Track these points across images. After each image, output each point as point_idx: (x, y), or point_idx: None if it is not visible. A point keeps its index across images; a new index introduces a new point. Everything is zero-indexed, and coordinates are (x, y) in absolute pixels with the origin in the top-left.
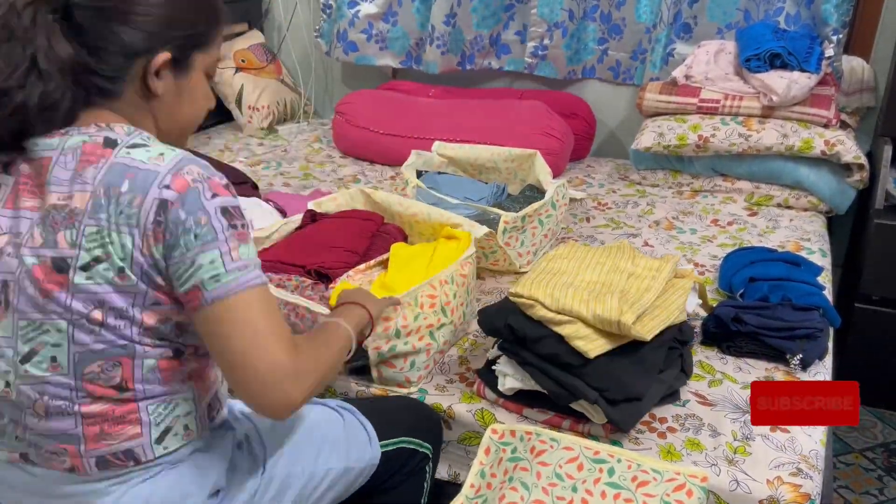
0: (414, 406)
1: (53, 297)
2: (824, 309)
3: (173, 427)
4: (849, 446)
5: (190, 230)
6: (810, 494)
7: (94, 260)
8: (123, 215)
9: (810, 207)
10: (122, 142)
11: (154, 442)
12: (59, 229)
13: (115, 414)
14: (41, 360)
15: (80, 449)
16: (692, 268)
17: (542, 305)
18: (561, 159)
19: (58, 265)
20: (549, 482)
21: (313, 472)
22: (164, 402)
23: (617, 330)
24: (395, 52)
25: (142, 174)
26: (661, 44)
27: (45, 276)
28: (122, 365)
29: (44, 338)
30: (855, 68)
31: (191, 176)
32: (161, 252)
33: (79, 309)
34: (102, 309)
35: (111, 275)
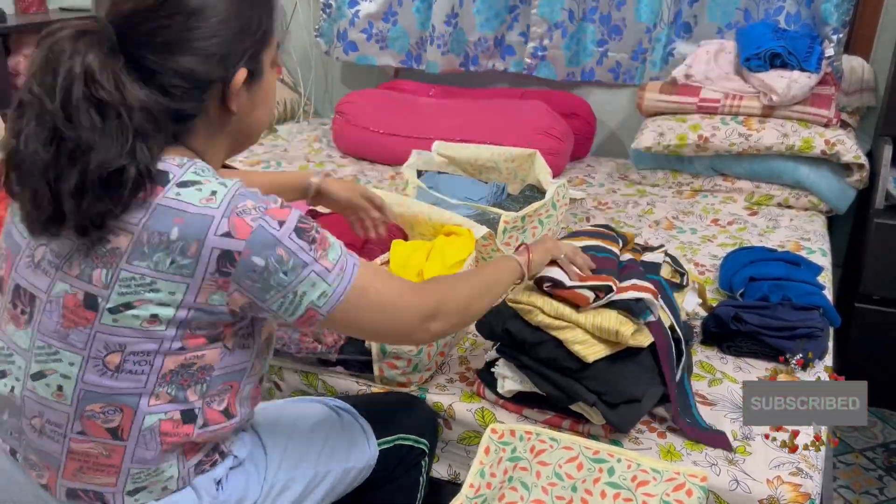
0: (410, 402)
1: (76, 331)
2: (824, 308)
3: (149, 487)
4: (849, 446)
5: (276, 271)
6: (810, 494)
7: (124, 305)
8: (175, 265)
9: (810, 207)
10: (174, 176)
11: (126, 493)
12: (97, 265)
13: (98, 461)
14: (48, 384)
15: (58, 474)
16: (692, 268)
17: (540, 311)
18: (561, 159)
19: (88, 302)
20: (548, 482)
21: (314, 474)
22: (149, 469)
23: (615, 339)
24: (395, 52)
25: (193, 220)
26: (661, 43)
27: (74, 308)
28: (123, 412)
29: (55, 365)
30: (855, 68)
31: (249, 216)
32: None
33: (98, 349)
34: (122, 353)
35: (139, 322)
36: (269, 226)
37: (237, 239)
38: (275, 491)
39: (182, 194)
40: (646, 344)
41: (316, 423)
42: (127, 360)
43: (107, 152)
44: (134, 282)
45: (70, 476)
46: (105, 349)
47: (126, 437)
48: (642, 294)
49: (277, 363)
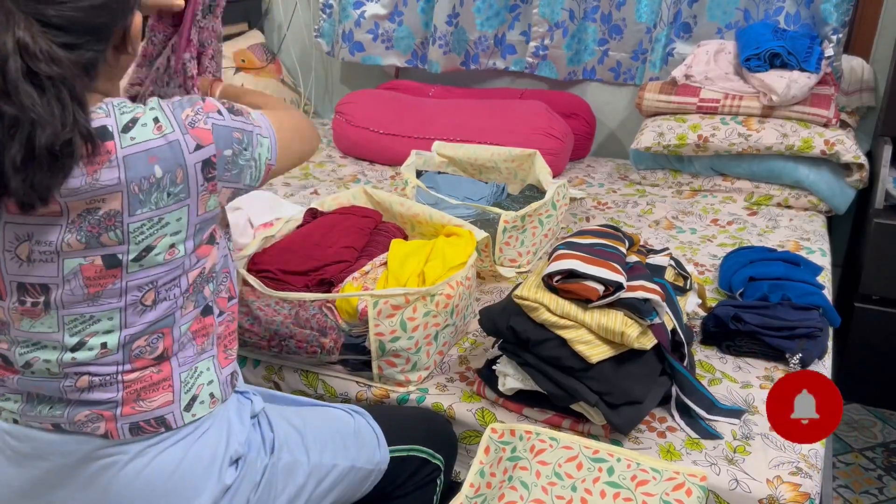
0: (430, 418)
1: (107, 291)
2: (824, 308)
3: (199, 396)
4: (848, 446)
5: (241, 152)
6: (810, 494)
7: (145, 250)
8: (172, 196)
9: (810, 207)
10: (112, 126)
11: (183, 409)
12: (101, 231)
13: (152, 380)
14: (91, 348)
15: (117, 413)
16: (693, 268)
17: (546, 309)
18: (561, 159)
19: (109, 262)
20: (548, 481)
21: (319, 464)
22: (193, 366)
23: (620, 340)
24: (401, 52)
25: (165, 153)
26: (660, 43)
27: (97, 274)
28: (164, 336)
29: (94, 328)
30: (855, 68)
31: (199, 121)
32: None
33: (133, 295)
34: (155, 288)
35: (161, 257)
36: (216, 119)
37: (203, 145)
38: (280, 470)
39: (135, 136)
40: (649, 346)
41: (325, 418)
42: (160, 292)
43: (53, 127)
44: (145, 227)
45: (129, 410)
46: (139, 291)
47: (171, 355)
48: (651, 295)
49: (278, 362)
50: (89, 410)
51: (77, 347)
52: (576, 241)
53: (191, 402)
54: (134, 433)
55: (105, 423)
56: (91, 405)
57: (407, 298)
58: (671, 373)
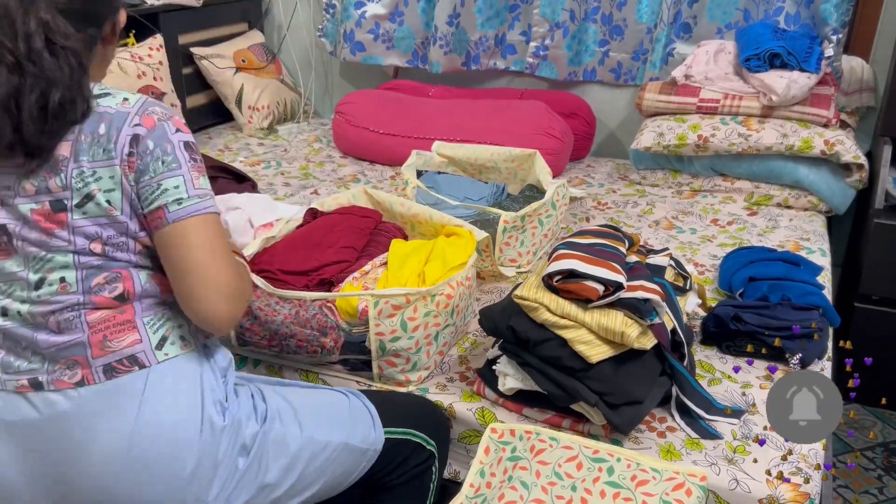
0: (423, 404)
1: (56, 234)
2: (824, 308)
3: (169, 336)
4: (849, 446)
5: (158, 158)
6: (810, 494)
7: (85, 198)
8: (104, 152)
9: (810, 207)
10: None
11: (154, 347)
12: (49, 177)
13: (115, 321)
14: (51, 284)
15: (87, 356)
16: (693, 269)
17: (546, 309)
18: (561, 159)
19: (55, 206)
20: (548, 481)
21: (311, 437)
22: (157, 312)
23: (620, 340)
24: (402, 52)
25: (115, 116)
26: (661, 44)
27: (45, 217)
28: (122, 278)
29: (51, 265)
30: (854, 68)
31: (156, 115)
32: (133, 179)
33: (81, 242)
34: (100, 240)
35: (102, 209)
36: (168, 128)
37: (143, 127)
38: (270, 438)
39: (101, 102)
40: (649, 346)
41: (319, 395)
42: (107, 244)
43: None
44: (83, 175)
45: (98, 351)
46: (86, 239)
47: (132, 298)
48: (651, 295)
49: (278, 362)
50: (64, 359)
51: (39, 284)
52: (576, 241)
53: (161, 341)
54: (108, 375)
55: (80, 368)
56: (63, 352)
57: (408, 298)
58: (671, 373)
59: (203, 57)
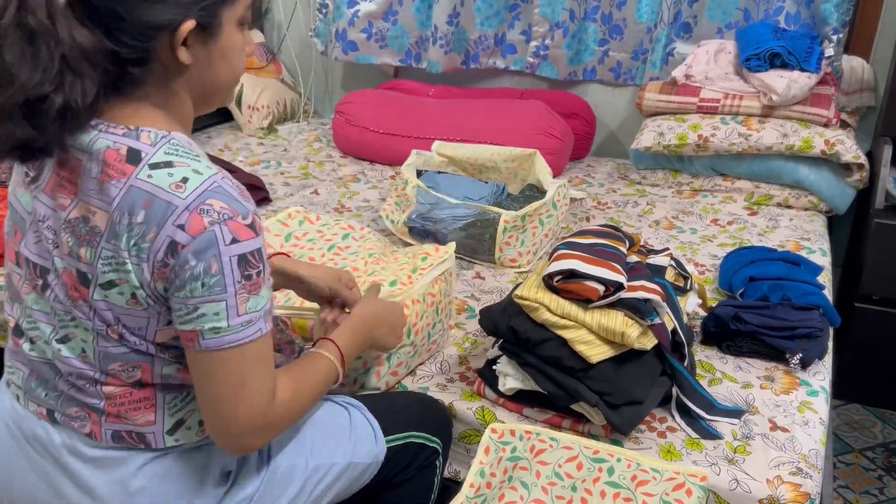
0: (422, 401)
1: (79, 305)
2: (824, 308)
3: (187, 420)
4: (849, 446)
5: (198, 277)
6: (810, 494)
7: (108, 283)
8: (136, 247)
9: (810, 207)
10: (146, 156)
11: (166, 432)
12: (82, 244)
13: (132, 398)
14: (73, 347)
15: (101, 419)
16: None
17: (546, 309)
18: (561, 159)
19: (82, 278)
20: (548, 481)
21: (317, 465)
22: (181, 394)
23: (620, 341)
24: (395, 51)
25: (158, 205)
26: (660, 43)
27: (72, 284)
28: (141, 368)
29: (75, 330)
30: (855, 68)
31: (209, 217)
32: (162, 289)
33: (99, 322)
34: (118, 326)
35: (124, 299)
36: (221, 237)
37: (186, 233)
38: (277, 477)
39: (153, 176)
40: (650, 346)
41: (322, 416)
42: (125, 334)
43: (29, 79)
44: (113, 260)
45: (113, 418)
46: (103, 322)
47: (151, 383)
48: (651, 295)
49: None
50: (79, 407)
51: (64, 340)
52: (576, 241)
53: (176, 425)
54: (115, 441)
55: (90, 423)
56: (79, 403)
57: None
58: (671, 373)
59: None
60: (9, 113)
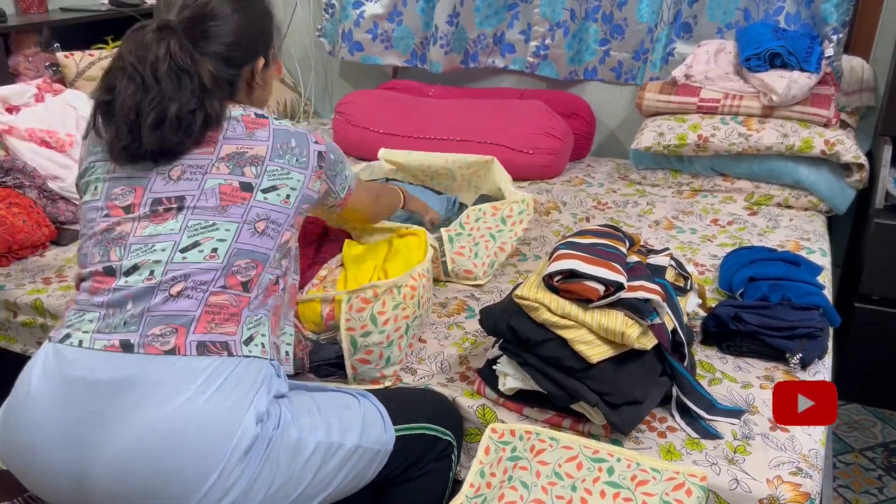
0: (433, 397)
1: (235, 207)
2: (824, 308)
3: (255, 338)
4: (849, 446)
5: (337, 161)
6: (810, 494)
7: (271, 187)
8: (298, 161)
9: (810, 207)
10: (268, 115)
11: (242, 342)
12: (245, 165)
13: (228, 311)
14: (202, 250)
15: (188, 331)
16: (693, 269)
17: (546, 309)
18: (561, 159)
19: (244, 186)
20: (548, 481)
21: (324, 442)
22: (257, 315)
23: (620, 341)
24: (401, 52)
25: (299, 136)
26: (661, 43)
27: (232, 192)
28: (256, 268)
29: (211, 233)
30: (855, 68)
31: (317, 135)
32: (321, 184)
33: (252, 217)
34: (267, 221)
35: (280, 199)
36: (327, 139)
37: (321, 144)
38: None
39: (283, 123)
40: (650, 346)
41: (332, 401)
42: (268, 227)
43: (181, 101)
44: (277, 172)
45: (202, 329)
46: (256, 217)
47: (251, 289)
48: (651, 295)
49: None
50: (165, 325)
51: (189, 248)
52: (576, 240)
53: (248, 339)
54: (200, 351)
55: (177, 337)
56: (169, 319)
57: (375, 292)
58: (671, 373)
59: None
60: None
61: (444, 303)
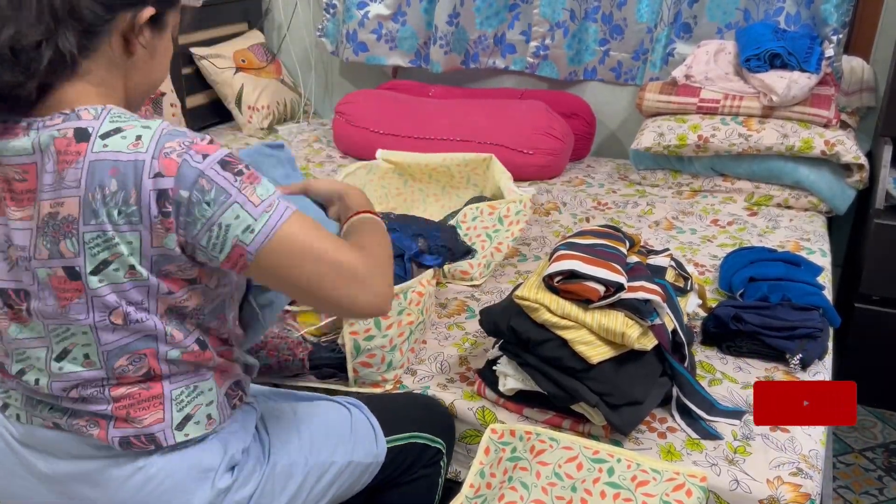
0: (424, 402)
1: (74, 305)
2: (824, 309)
3: (195, 415)
4: (849, 446)
5: (199, 202)
6: (810, 494)
7: (101, 263)
8: (122, 215)
9: (810, 207)
10: (94, 130)
11: (175, 428)
12: (59, 239)
13: (141, 397)
14: (75, 357)
15: (109, 426)
16: (693, 269)
17: (546, 309)
18: (561, 159)
19: (70, 273)
20: (548, 482)
21: (316, 463)
22: (188, 386)
23: (620, 341)
24: (405, 52)
25: (126, 168)
26: (661, 44)
27: (60, 286)
28: (147, 356)
29: (73, 339)
30: (855, 68)
31: (175, 153)
32: (178, 239)
33: (100, 313)
34: (120, 308)
35: (122, 274)
36: (193, 160)
37: (166, 177)
38: (276, 473)
39: (109, 144)
40: (650, 347)
41: (322, 415)
42: (129, 313)
43: (20, 26)
44: (99, 239)
45: (121, 422)
46: (105, 309)
47: (159, 371)
48: (651, 296)
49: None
50: (86, 418)
51: (62, 356)
52: (576, 241)
53: (184, 420)
54: (124, 447)
55: (99, 429)
56: (84, 413)
57: None
58: (672, 374)
59: (203, 57)
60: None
61: (444, 303)
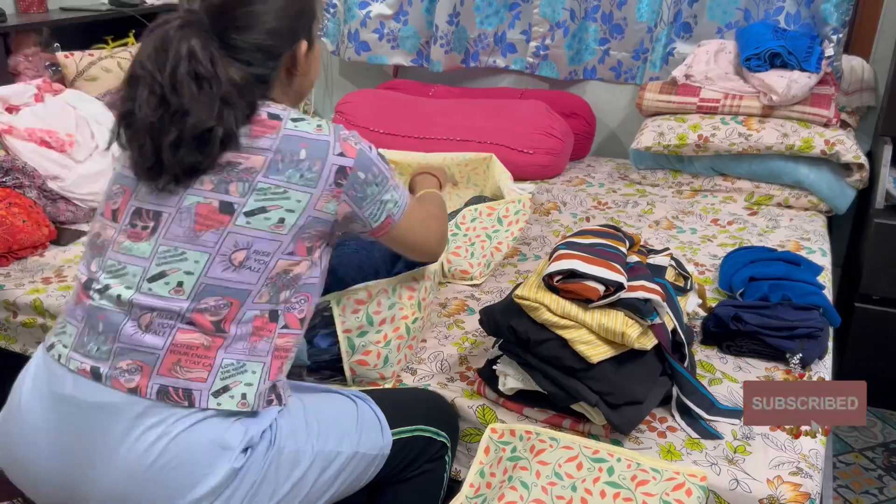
0: (429, 397)
1: (209, 233)
2: (824, 308)
3: (232, 389)
4: (849, 446)
5: (371, 182)
6: (810, 494)
7: (259, 209)
8: (303, 178)
9: (810, 207)
10: (285, 115)
11: (211, 393)
12: (231, 181)
13: (197, 353)
14: (168, 282)
15: (152, 371)
16: (693, 269)
17: (546, 309)
18: (561, 159)
19: (224, 207)
20: (548, 481)
21: (322, 451)
22: (239, 359)
23: (620, 341)
24: (407, 51)
25: (315, 144)
26: (661, 43)
27: (208, 214)
28: (231, 306)
29: (180, 264)
30: (855, 68)
31: (351, 140)
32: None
33: (228, 247)
34: (247, 250)
35: (269, 224)
36: (367, 150)
37: (348, 157)
38: (281, 460)
39: (299, 126)
40: (650, 346)
41: (329, 406)
42: (249, 258)
43: (199, 116)
44: (269, 191)
45: (165, 371)
46: (234, 247)
47: (226, 329)
48: (651, 295)
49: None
50: (131, 360)
51: (156, 277)
52: (576, 240)
53: (221, 390)
54: (160, 397)
55: (140, 376)
56: (136, 352)
57: (369, 292)
58: (671, 373)
59: None
60: (186, 142)
61: (445, 303)
